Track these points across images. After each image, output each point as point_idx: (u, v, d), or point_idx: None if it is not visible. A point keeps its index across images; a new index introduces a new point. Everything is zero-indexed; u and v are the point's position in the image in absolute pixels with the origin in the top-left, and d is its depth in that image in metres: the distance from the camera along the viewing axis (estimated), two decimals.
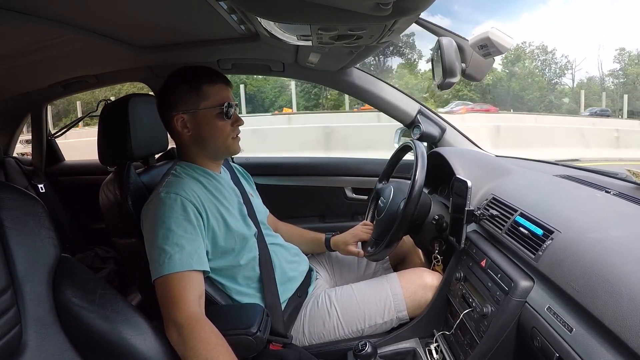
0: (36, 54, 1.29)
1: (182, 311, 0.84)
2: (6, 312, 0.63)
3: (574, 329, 0.70)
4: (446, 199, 1.39)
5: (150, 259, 0.90)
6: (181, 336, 0.83)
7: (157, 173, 1.21)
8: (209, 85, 1.03)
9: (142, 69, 1.65)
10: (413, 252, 1.47)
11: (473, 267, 1.06)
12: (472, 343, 0.98)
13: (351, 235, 1.33)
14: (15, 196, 0.72)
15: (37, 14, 0.95)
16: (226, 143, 1.07)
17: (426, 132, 1.66)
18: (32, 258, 0.70)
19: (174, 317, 0.84)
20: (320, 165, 1.97)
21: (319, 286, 1.28)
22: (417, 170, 1.11)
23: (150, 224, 0.93)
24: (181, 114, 1.03)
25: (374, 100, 1.70)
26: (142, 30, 1.24)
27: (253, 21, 1.08)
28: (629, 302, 0.62)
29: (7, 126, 2.11)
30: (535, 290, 0.85)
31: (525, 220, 0.96)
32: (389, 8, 0.64)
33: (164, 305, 0.86)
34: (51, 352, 0.69)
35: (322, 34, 0.95)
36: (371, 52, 1.30)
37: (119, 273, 1.92)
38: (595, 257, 0.73)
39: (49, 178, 2.12)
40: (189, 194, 0.96)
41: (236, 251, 1.04)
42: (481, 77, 1.23)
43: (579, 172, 1.33)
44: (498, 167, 1.38)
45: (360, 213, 1.91)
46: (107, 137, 1.15)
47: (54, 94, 1.92)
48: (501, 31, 1.01)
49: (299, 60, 1.52)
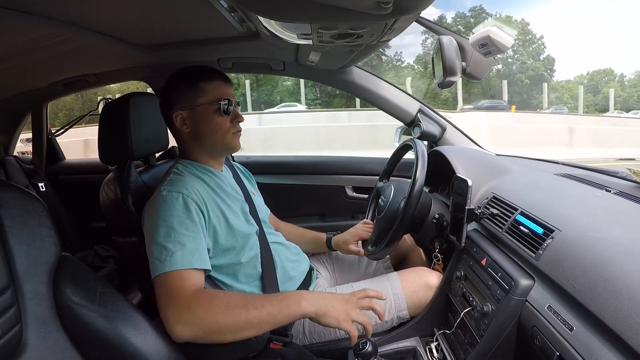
0: (36, 53, 1.29)
1: (178, 303, 0.83)
2: (6, 311, 0.63)
3: (574, 327, 0.70)
4: (447, 197, 1.39)
5: (151, 257, 0.90)
6: (187, 320, 0.81)
7: (158, 172, 1.21)
8: (206, 81, 1.04)
9: (143, 67, 1.65)
10: (413, 251, 1.47)
11: (473, 266, 1.06)
12: (472, 342, 0.98)
13: (351, 234, 1.33)
14: (16, 195, 0.72)
15: (38, 13, 0.95)
16: (225, 139, 1.07)
17: (426, 131, 1.66)
18: (32, 257, 0.70)
19: (172, 311, 0.83)
20: (321, 164, 1.97)
21: (320, 285, 1.28)
22: (418, 169, 1.11)
23: (152, 221, 0.93)
24: (180, 110, 1.04)
25: (374, 99, 1.70)
26: (142, 29, 1.23)
27: (253, 20, 1.08)
28: (629, 301, 0.62)
29: (8, 125, 2.11)
30: (535, 289, 0.85)
31: (525, 219, 0.96)
32: (389, 7, 0.64)
33: (161, 302, 0.85)
34: (51, 351, 0.69)
35: (322, 32, 0.94)
36: (372, 51, 1.30)
37: (119, 272, 1.92)
38: (596, 256, 0.73)
39: (50, 177, 2.12)
40: (190, 192, 0.96)
41: (237, 249, 1.04)
42: (482, 76, 1.23)
43: (579, 171, 1.33)
44: (498, 165, 1.37)
45: (361, 212, 1.91)
46: (108, 135, 1.15)
47: (54, 93, 1.92)
48: (501, 30, 1.01)
49: (299, 59, 1.52)
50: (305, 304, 0.85)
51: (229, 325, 0.82)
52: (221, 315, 0.81)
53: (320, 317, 0.85)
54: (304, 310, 0.85)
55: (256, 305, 0.83)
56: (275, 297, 0.87)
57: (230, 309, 0.82)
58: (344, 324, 0.84)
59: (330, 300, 0.87)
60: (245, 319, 0.82)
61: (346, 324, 0.84)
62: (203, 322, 0.82)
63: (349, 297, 0.89)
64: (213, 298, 0.84)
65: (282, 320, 0.84)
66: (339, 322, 0.84)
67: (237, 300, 0.84)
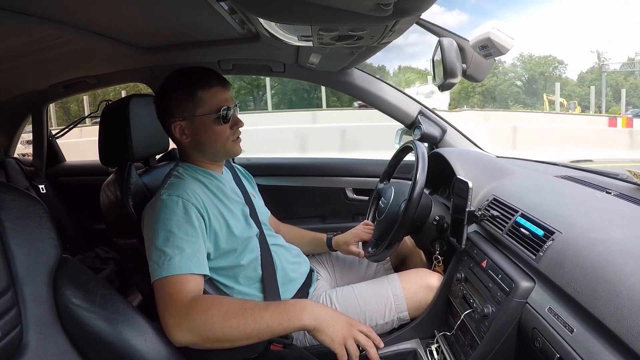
0: (37, 54, 1.30)
1: (176, 309, 0.83)
2: (7, 313, 0.63)
3: (574, 329, 0.70)
4: (447, 199, 1.39)
5: (150, 261, 0.90)
6: (185, 327, 0.81)
7: (158, 174, 1.21)
8: (204, 90, 1.01)
9: (143, 69, 1.66)
10: (414, 253, 1.47)
11: (474, 268, 1.06)
12: (472, 344, 0.98)
13: (352, 235, 1.33)
14: (16, 197, 0.72)
15: (38, 15, 0.95)
16: (226, 147, 1.06)
17: (427, 133, 1.66)
18: (32, 259, 0.70)
19: (170, 316, 0.83)
20: (321, 166, 1.97)
21: (320, 287, 1.28)
22: (418, 171, 1.11)
23: (151, 225, 0.93)
24: (179, 121, 1.03)
25: (375, 100, 1.70)
26: (142, 31, 1.24)
27: (254, 22, 1.08)
28: (629, 303, 0.62)
29: (8, 127, 2.11)
30: (536, 290, 0.85)
31: (526, 221, 0.96)
32: (389, 9, 0.64)
33: (160, 306, 0.85)
34: (52, 352, 0.68)
35: (322, 34, 0.94)
36: (372, 53, 1.30)
37: (119, 274, 1.92)
38: (596, 258, 0.73)
39: (50, 179, 2.12)
40: (191, 196, 0.96)
41: (238, 251, 1.04)
42: (482, 78, 1.23)
43: (579, 173, 1.33)
44: (499, 167, 1.37)
45: (361, 214, 1.91)
46: (108, 137, 1.15)
47: (54, 94, 1.92)
48: (502, 32, 1.01)
49: (299, 60, 1.53)
50: (307, 317, 0.84)
51: (226, 335, 0.81)
52: (219, 325, 0.81)
53: (317, 331, 0.84)
54: (303, 323, 0.83)
55: (255, 317, 0.82)
56: (276, 308, 0.84)
57: (228, 319, 0.81)
58: (337, 345, 0.83)
59: (332, 319, 0.86)
60: (243, 331, 0.81)
61: (339, 346, 0.83)
62: (201, 330, 0.81)
63: (352, 323, 0.87)
64: (211, 306, 0.83)
65: (280, 332, 0.84)
66: (333, 343, 0.83)
67: (235, 309, 0.83)
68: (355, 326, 0.87)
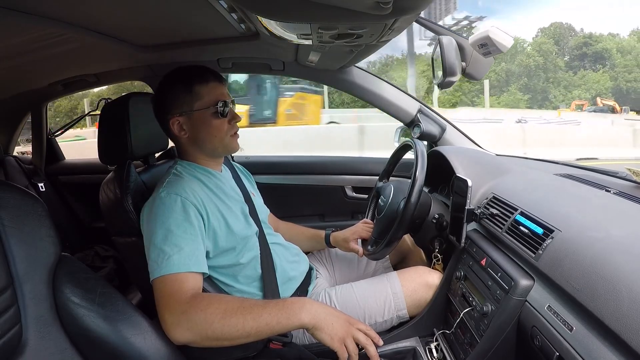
0: (36, 53, 1.29)
1: (175, 307, 0.83)
2: (6, 311, 0.63)
3: (574, 327, 0.70)
4: (446, 197, 1.39)
5: (149, 259, 0.90)
6: (184, 325, 0.81)
7: (157, 172, 1.21)
8: (201, 85, 1.03)
9: (142, 67, 1.65)
10: (413, 251, 1.47)
11: (473, 266, 1.06)
12: (472, 342, 0.98)
13: (351, 232, 1.33)
14: (15, 195, 0.72)
15: (37, 13, 0.95)
16: (224, 141, 1.07)
17: (426, 131, 1.66)
18: (32, 257, 0.70)
19: (169, 314, 0.83)
20: (321, 164, 1.97)
21: (319, 285, 1.28)
22: (417, 169, 1.11)
23: (150, 224, 0.93)
24: (177, 116, 1.03)
25: (374, 99, 1.70)
26: (142, 29, 1.23)
27: (253, 20, 1.08)
28: (629, 301, 0.62)
29: (7, 125, 2.11)
30: (535, 289, 0.85)
31: (525, 219, 0.96)
32: (389, 7, 0.64)
33: (159, 305, 0.85)
34: (51, 351, 0.69)
35: (322, 32, 0.94)
36: (371, 51, 1.30)
37: (118, 272, 1.92)
38: (596, 256, 0.73)
39: (49, 177, 2.12)
40: (189, 194, 0.96)
41: (237, 250, 1.04)
42: (481, 76, 1.23)
43: (579, 171, 1.33)
44: (498, 165, 1.37)
45: (361, 212, 1.91)
46: (107, 135, 1.15)
47: (53, 93, 1.92)
48: (501, 30, 1.01)
49: (299, 59, 1.52)
50: (305, 315, 0.84)
51: (225, 334, 0.81)
52: (218, 323, 0.81)
53: (317, 329, 0.84)
54: (302, 321, 0.83)
55: (254, 315, 0.82)
56: (275, 307, 0.85)
57: (227, 317, 0.81)
58: (336, 344, 0.83)
59: (331, 317, 0.86)
60: (242, 329, 0.81)
61: (338, 344, 0.83)
62: (200, 329, 0.81)
63: (351, 322, 0.87)
64: (210, 305, 0.83)
65: (279, 330, 0.84)
66: (332, 341, 0.83)
67: (234, 307, 0.83)
68: (355, 324, 0.87)
